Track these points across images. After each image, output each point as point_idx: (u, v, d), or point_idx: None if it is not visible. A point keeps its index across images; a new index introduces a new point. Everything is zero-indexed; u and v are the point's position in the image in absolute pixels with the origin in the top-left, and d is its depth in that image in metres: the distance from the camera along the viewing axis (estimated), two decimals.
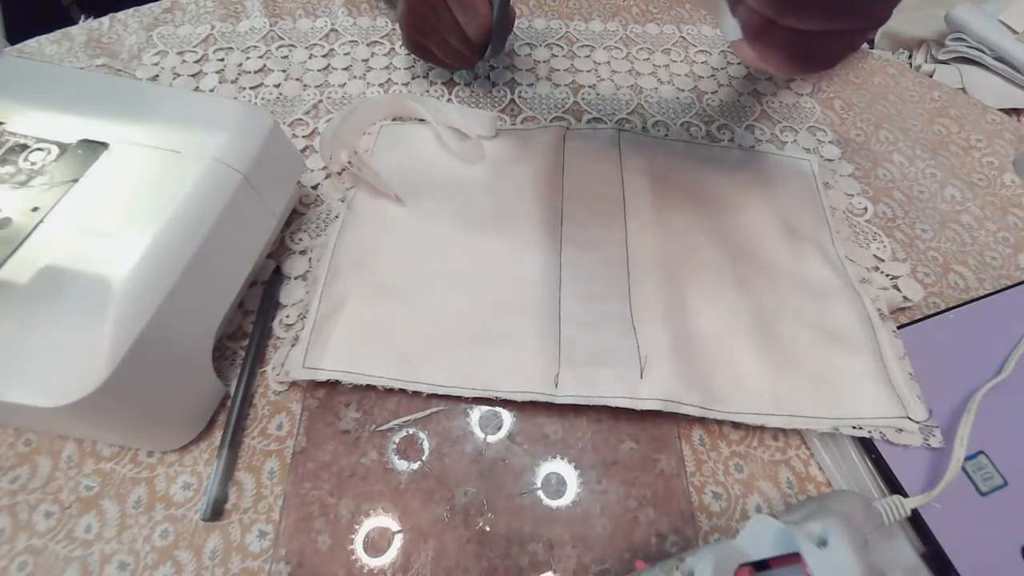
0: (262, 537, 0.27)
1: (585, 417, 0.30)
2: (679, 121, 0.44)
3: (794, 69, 0.26)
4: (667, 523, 0.28)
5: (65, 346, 0.23)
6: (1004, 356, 0.31)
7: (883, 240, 0.38)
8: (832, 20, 0.24)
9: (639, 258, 0.35)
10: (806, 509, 0.22)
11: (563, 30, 0.51)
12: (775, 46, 0.25)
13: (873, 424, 0.28)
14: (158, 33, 0.48)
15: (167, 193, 0.27)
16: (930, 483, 0.27)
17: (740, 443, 0.30)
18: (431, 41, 0.40)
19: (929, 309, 0.35)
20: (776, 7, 0.24)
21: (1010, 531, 0.26)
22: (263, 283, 0.34)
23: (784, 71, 0.26)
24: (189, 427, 0.29)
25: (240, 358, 0.32)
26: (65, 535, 0.27)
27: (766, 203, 0.38)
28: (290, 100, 0.44)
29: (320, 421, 0.30)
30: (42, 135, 0.28)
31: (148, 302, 0.24)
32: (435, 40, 0.39)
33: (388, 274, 0.34)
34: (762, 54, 0.25)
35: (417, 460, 0.29)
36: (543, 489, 0.28)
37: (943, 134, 0.45)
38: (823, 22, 0.24)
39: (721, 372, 0.30)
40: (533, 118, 0.44)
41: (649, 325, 0.31)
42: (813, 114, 0.46)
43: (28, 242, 0.25)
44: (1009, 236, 0.39)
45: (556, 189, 0.38)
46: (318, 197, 0.39)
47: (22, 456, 0.29)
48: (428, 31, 0.39)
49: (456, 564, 0.26)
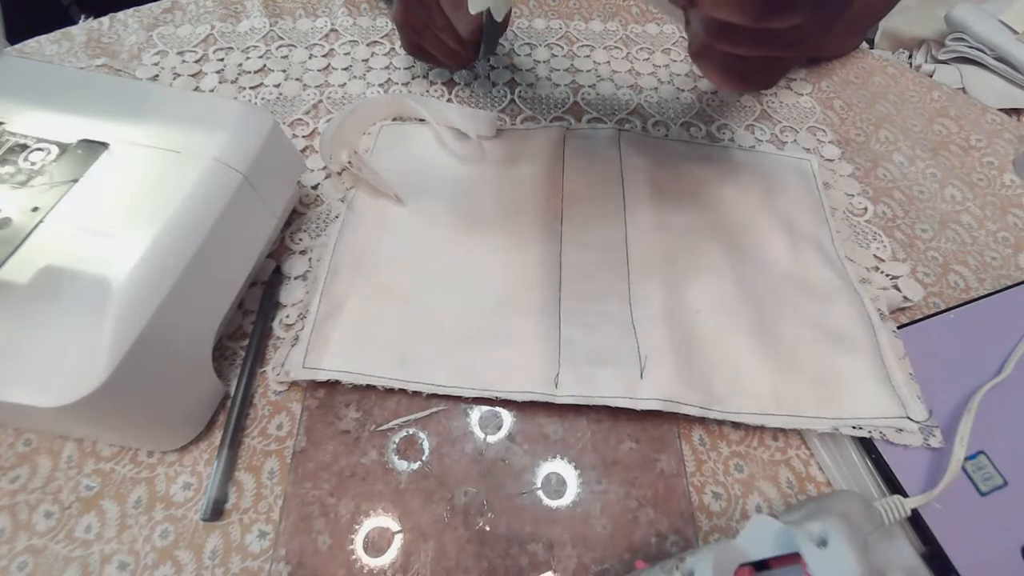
0: (262, 537, 0.27)
1: (585, 417, 0.30)
2: (679, 121, 0.44)
3: (731, 87, 0.27)
4: (667, 523, 0.28)
5: (65, 346, 0.23)
6: (1004, 356, 0.31)
7: (883, 240, 0.38)
8: (763, 47, 0.25)
9: (639, 258, 0.35)
10: (806, 509, 0.22)
11: (563, 30, 0.51)
12: (713, 66, 0.27)
13: (873, 424, 0.28)
14: (158, 33, 0.48)
15: (167, 193, 0.27)
16: (930, 483, 0.27)
17: (740, 443, 0.30)
18: (426, 40, 0.40)
19: (929, 309, 0.35)
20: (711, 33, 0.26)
21: (1010, 531, 0.26)
22: (263, 283, 0.34)
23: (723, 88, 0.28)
24: (189, 427, 0.29)
25: (240, 358, 0.32)
26: (65, 535, 0.27)
27: (766, 203, 0.38)
28: (290, 100, 0.44)
29: (320, 421, 0.30)
30: (42, 135, 0.28)
31: (148, 302, 0.24)
32: (430, 39, 0.40)
33: (388, 274, 0.34)
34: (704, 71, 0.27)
35: (417, 460, 0.29)
36: (543, 489, 0.28)
37: (943, 134, 0.45)
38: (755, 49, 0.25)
39: (721, 372, 0.30)
40: (533, 118, 0.44)
41: (649, 325, 0.31)
42: (813, 114, 0.46)
43: (28, 242, 0.25)
44: (1009, 236, 0.39)
45: (556, 189, 0.38)
46: (318, 197, 0.39)
47: (22, 456, 0.29)
48: (422, 30, 0.39)
49: (456, 564, 0.26)
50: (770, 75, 0.28)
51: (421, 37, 0.40)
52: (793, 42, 0.25)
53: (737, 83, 0.27)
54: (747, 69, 0.27)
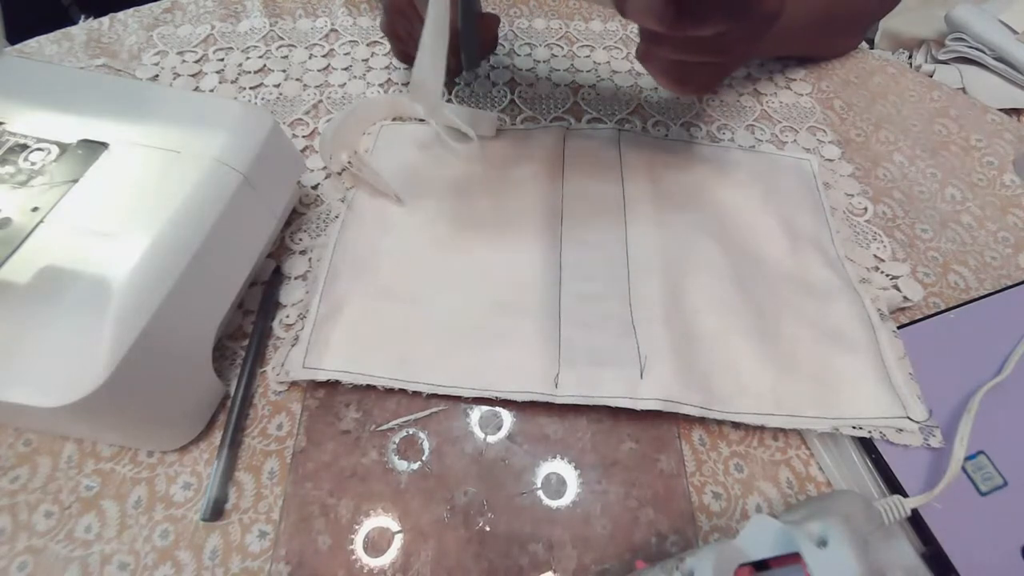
0: (262, 537, 0.27)
1: (585, 417, 0.30)
2: (679, 121, 0.44)
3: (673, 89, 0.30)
4: (667, 523, 0.28)
5: (65, 346, 0.23)
6: (1004, 356, 0.31)
7: (883, 240, 0.38)
8: (693, 53, 0.27)
9: (639, 258, 0.35)
10: (806, 509, 0.22)
11: (563, 30, 0.51)
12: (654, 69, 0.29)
13: (873, 424, 0.28)
14: (158, 33, 0.48)
15: (167, 193, 0.27)
16: (930, 483, 0.27)
17: (740, 443, 0.30)
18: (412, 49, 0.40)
19: (929, 309, 0.35)
20: (644, 38, 0.28)
21: (1010, 531, 0.26)
22: (263, 283, 0.34)
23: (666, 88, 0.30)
24: (189, 427, 0.29)
25: (240, 358, 0.32)
26: (65, 535, 0.27)
27: (766, 203, 0.38)
28: (290, 100, 0.44)
29: (320, 421, 0.30)
30: (42, 135, 0.28)
31: (148, 302, 0.24)
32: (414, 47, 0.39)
33: (388, 274, 0.34)
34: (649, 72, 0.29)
35: (417, 460, 0.29)
36: (543, 489, 0.28)
37: (943, 134, 0.45)
38: (686, 54, 0.28)
39: (721, 372, 0.30)
40: (533, 118, 0.44)
41: (649, 325, 0.31)
42: (813, 114, 0.46)
43: (28, 242, 0.25)
44: (1009, 236, 0.39)
45: (556, 189, 0.38)
46: (318, 197, 0.39)
47: (22, 456, 0.29)
48: (407, 40, 0.39)
49: (456, 564, 0.26)
50: (709, 79, 0.30)
51: (407, 46, 0.40)
52: (722, 49, 0.27)
53: (677, 86, 0.30)
54: (685, 73, 0.29)
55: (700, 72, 0.29)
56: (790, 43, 0.48)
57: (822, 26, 0.46)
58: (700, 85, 0.30)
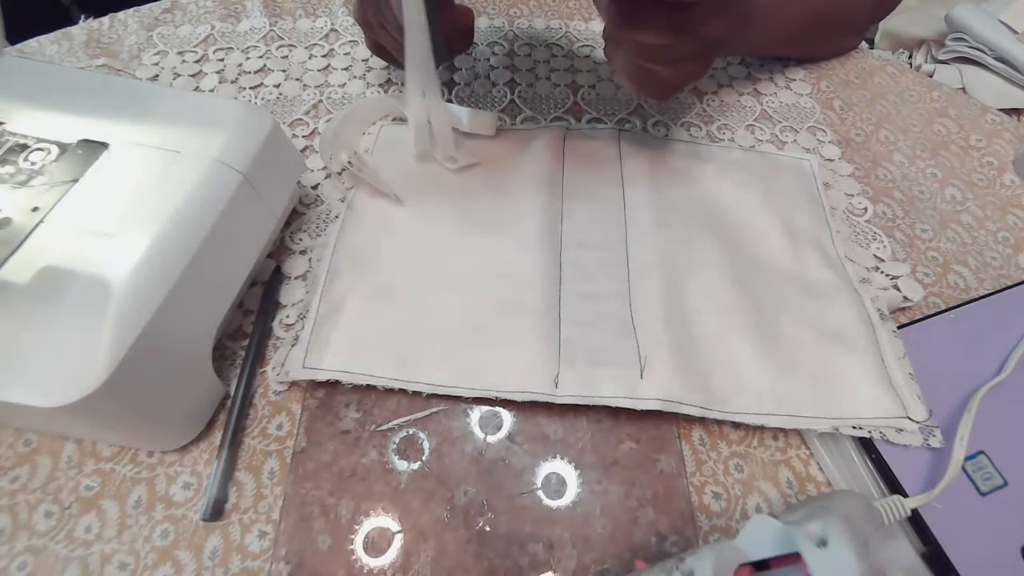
0: (262, 537, 0.27)
1: (585, 417, 0.30)
2: (679, 121, 0.44)
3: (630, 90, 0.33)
4: (667, 523, 0.28)
5: (65, 346, 0.23)
6: (1004, 356, 0.31)
7: (883, 240, 0.38)
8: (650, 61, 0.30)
9: (639, 258, 0.35)
10: (806, 509, 0.22)
11: (563, 30, 0.51)
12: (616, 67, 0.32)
13: (873, 424, 0.28)
14: (158, 33, 0.48)
15: (167, 193, 0.27)
16: (930, 483, 0.27)
17: (740, 443, 0.30)
18: (383, 39, 0.38)
19: (929, 309, 0.35)
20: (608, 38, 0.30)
21: (1010, 531, 0.26)
22: (263, 283, 0.34)
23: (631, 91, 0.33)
24: (189, 427, 0.29)
25: (240, 358, 0.32)
26: (65, 535, 0.27)
27: (766, 203, 0.38)
28: (290, 100, 0.44)
29: (320, 421, 0.30)
30: (42, 135, 0.28)
31: (148, 302, 0.24)
32: (386, 38, 0.38)
33: (388, 274, 0.34)
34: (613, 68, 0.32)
35: (417, 460, 0.29)
36: (543, 489, 0.28)
37: (943, 134, 0.45)
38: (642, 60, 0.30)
39: (721, 372, 0.30)
40: (533, 118, 0.44)
41: (649, 325, 0.31)
42: (813, 114, 0.46)
43: (28, 242, 0.25)
44: (1009, 236, 0.39)
45: (556, 189, 0.38)
46: (318, 197, 0.39)
47: (22, 456, 0.29)
48: (378, 29, 0.38)
49: (456, 564, 0.26)
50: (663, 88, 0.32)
51: (378, 35, 0.38)
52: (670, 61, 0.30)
53: (634, 86, 0.32)
54: (641, 78, 0.31)
55: (654, 78, 0.31)
56: (788, 44, 0.48)
57: (818, 27, 0.46)
58: (655, 90, 0.32)
